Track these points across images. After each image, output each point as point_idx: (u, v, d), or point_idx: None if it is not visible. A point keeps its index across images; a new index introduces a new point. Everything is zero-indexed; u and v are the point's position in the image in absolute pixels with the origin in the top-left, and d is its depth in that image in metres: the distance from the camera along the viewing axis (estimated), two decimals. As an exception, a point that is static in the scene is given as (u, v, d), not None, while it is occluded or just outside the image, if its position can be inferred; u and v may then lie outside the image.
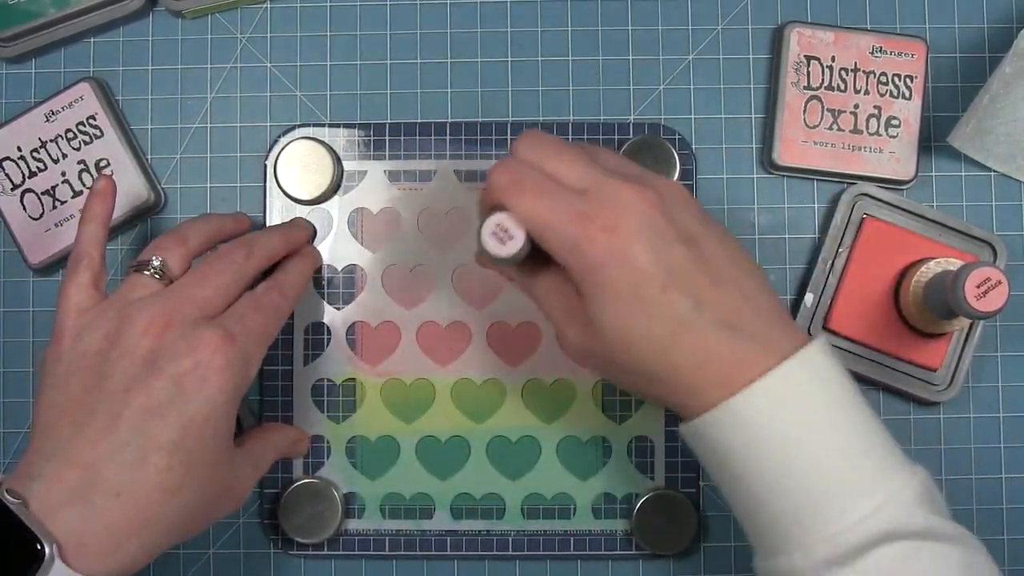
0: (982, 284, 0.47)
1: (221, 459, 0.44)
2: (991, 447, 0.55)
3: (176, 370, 0.43)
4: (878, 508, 0.39)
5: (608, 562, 0.54)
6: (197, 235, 0.48)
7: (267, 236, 0.51)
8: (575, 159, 0.42)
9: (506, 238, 0.41)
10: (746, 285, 0.42)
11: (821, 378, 0.41)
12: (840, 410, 0.41)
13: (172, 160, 0.56)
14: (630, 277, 0.40)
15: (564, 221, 0.40)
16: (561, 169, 0.42)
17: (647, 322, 0.40)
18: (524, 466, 0.54)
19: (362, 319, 0.55)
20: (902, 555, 0.38)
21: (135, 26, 0.56)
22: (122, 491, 0.41)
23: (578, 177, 0.42)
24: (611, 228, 0.40)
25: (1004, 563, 0.54)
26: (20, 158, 0.55)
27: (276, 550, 0.55)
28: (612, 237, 0.40)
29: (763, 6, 0.56)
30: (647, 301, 0.40)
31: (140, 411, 0.42)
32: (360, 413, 0.55)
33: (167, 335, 0.43)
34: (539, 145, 0.43)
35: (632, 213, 0.40)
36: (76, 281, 0.46)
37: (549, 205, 0.41)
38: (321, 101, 0.56)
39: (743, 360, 0.40)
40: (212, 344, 0.43)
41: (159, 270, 0.46)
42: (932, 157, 0.56)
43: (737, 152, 0.56)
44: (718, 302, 0.41)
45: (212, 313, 0.45)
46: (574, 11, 0.56)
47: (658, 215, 0.41)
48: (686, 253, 0.41)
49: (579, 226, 0.40)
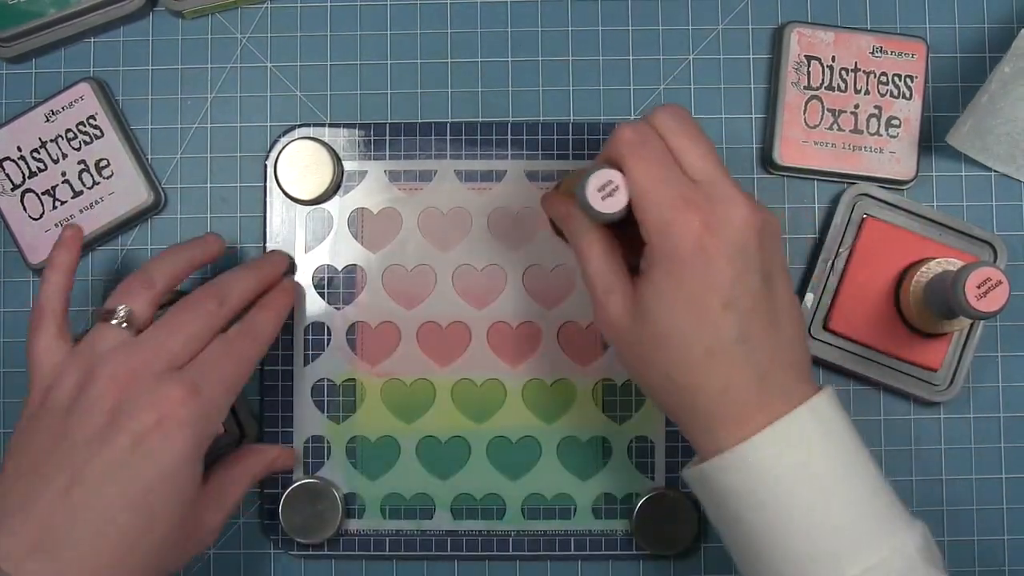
0: (982, 284, 0.47)
1: (184, 510, 0.44)
2: (991, 447, 0.55)
3: (138, 427, 0.42)
4: (882, 561, 0.39)
5: (608, 562, 0.54)
6: (163, 275, 0.48)
7: (240, 280, 0.49)
8: (703, 145, 0.42)
9: (610, 195, 0.41)
10: (790, 337, 0.42)
11: (828, 430, 0.41)
12: (846, 463, 0.41)
13: (172, 160, 0.56)
14: (702, 281, 0.40)
15: (669, 200, 0.40)
16: (688, 151, 0.42)
17: (694, 329, 0.40)
18: (524, 466, 0.54)
19: (362, 319, 0.55)
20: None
21: (135, 26, 0.56)
22: (84, 547, 0.41)
23: (701, 166, 0.42)
24: (709, 227, 0.40)
25: (1004, 563, 0.54)
26: (20, 158, 0.55)
27: (276, 550, 0.55)
28: (706, 236, 0.40)
29: (763, 6, 0.56)
30: (704, 311, 0.40)
31: (102, 467, 0.42)
32: (360, 413, 0.55)
33: (130, 390, 0.43)
34: (676, 121, 0.42)
35: (733, 223, 0.40)
36: (41, 335, 0.46)
37: (662, 179, 0.41)
38: (321, 101, 0.56)
39: (763, 406, 0.41)
40: (175, 399, 0.43)
41: (125, 319, 0.46)
42: (932, 157, 0.56)
43: (737, 152, 0.56)
44: (763, 344, 0.41)
45: (179, 364, 0.45)
46: (574, 11, 0.56)
47: (754, 239, 0.41)
48: (760, 286, 0.41)
49: (680, 211, 0.40)
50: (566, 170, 0.55)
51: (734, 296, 0.40)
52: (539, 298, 0.55)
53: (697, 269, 0.40)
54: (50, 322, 0.46)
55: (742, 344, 0.40)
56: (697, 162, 0.42)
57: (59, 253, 0.48)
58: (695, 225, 0.40)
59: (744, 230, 0.40)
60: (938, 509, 0.54)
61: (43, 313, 0.46)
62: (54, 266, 0.47)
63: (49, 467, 0.42)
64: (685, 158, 0.42)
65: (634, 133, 0.42)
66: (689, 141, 0.42)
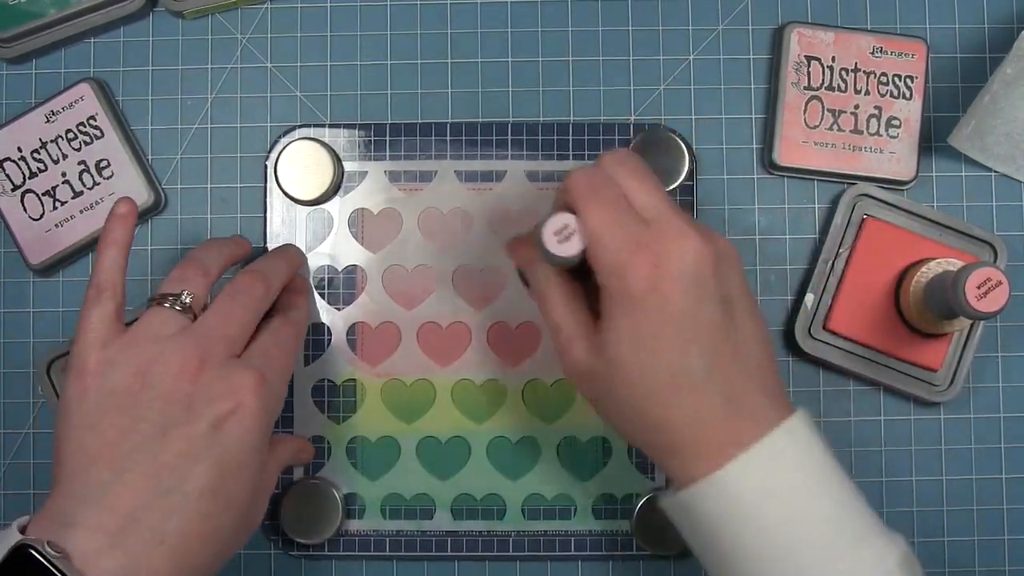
0: (982, 284, 0.47)
1: (253, 495, 0.44)
2: (991, 447, 0.55)
3: (215, 413, 0.42)
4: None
5: (608, 562, 0.54)
6: (216, 264, 0.48)
7: (278, 266, 0.50)
8: (652, 185, 0.43)
9: (566, 239, 0.42)
10: (759, 362, 0.43)
11: (803, 452, 0.41)
12: (822, 480, 0.41)
13: (172, 160, 0.56)
14: (659, 318, 0.40)
15: (621, 242, 0.41)
16: (638, 192, 0.42)
17: (658, 367, 0.41)
18: (524, 466, 0.54)
19: (362, 319, 0.55)
20: None
21: (135, 26, 0.56)
22: (164, 538, 0.40)
23: (651, 206, 0.42)
24: (660, 265, 0.40)
25: (1004, 563, 0.54)
26: (20, 159, 0.55)
27: (276, 550, 0.55)
28: (659, 274, 0.40)
29: (763, 6, 0.56)
30: (666, 348, 0.40)
31: (180, 456, 0.41)
32: (360, 413, 0.55)
33: (203, 377, 0.43)
34: (625, 164, 0.43)
35: (685, 258, 0.41)
36: (99, 312, 0.44)
37: (614, 221, 0.41)
38: (321, 101, 0.56)
39: (735, 433, 0.41)
40: (248, 385, 0.43)
41: (186, 305, 0.45)
42: (932, 157, 0.56)
43: (737, 152, 0.56)
44: (730, 372, 0.41)
45: (237, 351, 0.45)
46: (574, 11, 0.56)
47: (708, 270, 0.41)
48: (720, 315, 0.41)
49: (632, 252, 0.40)
50: (566, 170, 0.55)
51: (694, 329, 0.41)
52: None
53: (653, 308, 0.40)
54: (108, 300, 0.44)
55: (708, 375, 0.41)
56: (647, 202, 0.42)
57: (115, 226, 0.45)
58: (647, 265, 0.40)
59: (696, 263, 0.41)
60: (938, 509, 0.54)
61: (101, 290, 0.44)
62: (111, 242, 0.45)
63: (123, 457, 0.41)
64: (636, 199, 0.42)
65: (587, 178, 0.42)
66: (638, 182, 0.42)
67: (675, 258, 0.41)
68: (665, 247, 0.41)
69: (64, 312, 0.55)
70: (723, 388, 0.41)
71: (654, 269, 0.40)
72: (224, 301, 0.46)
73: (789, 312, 0.55)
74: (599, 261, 0.41)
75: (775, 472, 0.40)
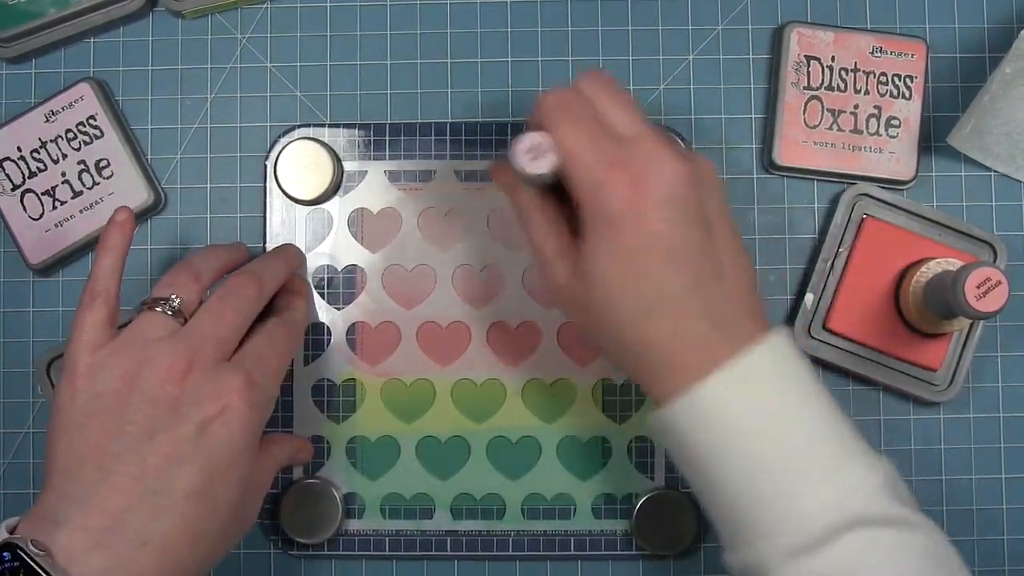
0: (982, 284, 0.47)
1: (242, 498, 0.44)
2: (991, 447, 0.55)
3: (201, 416, 0.42)
4: (841, 496, 0.39)
5: (608, 562, 0.54)
6: (209, 270, 0.48)
7: (273, 268, 0.50)
8: (628, 106, 0.42)
9: (539, 156, 0.41)
10: (740, 283, 0.42)
11: (783, 367, 0.41)
12: (803, 399, 0.41)
13: (172, 160, 0.56)
14: (638, 238, 0.40)
15: (596, 160, 0.40)
16: (613, 112, 0.42)
17: (638, 287, 0.40)
18: (524, 466, 0.54)
19: (362, 319, 0.55)
20: (866, 543, 0.38)
21: (135, 26, 0.56)
22: (149, 539, 0.40)
23: (627, 124, 0.42)
24: (637, 184, 0.40)
25: (1004, 563, 0.54)
26: (20, 158, 0.55)
27: (276, 550, 0.55)
28: (635, 193, 0.40)
29: (763, 6, 0.56)
30: (646, 267, 0.40)
31: (166, 458, 0.41)
32: (360, 413, 0.55)
33: (189, 380, 0.43)
34: (600, 83, 0.43)
35: (663, 177, 0.40)
36: (92, 316, 0.44)
37: (588, 139, 0.41)
38: (321, 101, 0.56)
39: (714, 350, 0.40)
40: (236, 388, 0.43)
41: (175, 309, 0.45)
42: (932, 157, 0.56)
43: (737, 152, 0.56)
44: (710, 293, 0.41)
45: (228, 353, 0.45)
46: (574, 11, 0.56)
47: (687, 190, 0.41)
48: (700, 235, 0.41)
49: (608, 170, 0.40)
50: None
51: (673, 249, 0.40)
52: (539, 298, 0.55)
53: (632, 228, 0.40)
54: (101, 304, 0.45)
55: (687, 294, 0.40)
56: (622, 121, 0.42)
57: (113, 233, 0.46)
58: (624, 184, 0.40)
59: (674, 183, 0.40)
60: (938, 509, 0.54)
61: (95, 295, 0.45)
62: (108, 247, 0.46)
63: (109, 458, 0.41)
64: (610, 118, 0.42)
65: (559, 96, 0.42)
66: (613, 101, 0.42)
67: (652, 177, 0.40)
68: (642, 166, 0.40)
69: (64, 312, 0.55)
70: (703, 307, 0.41)
71: (631, 187, 0.40)
72: (215, 303, 0.46)
73: (789, 312, 0.55)
74: (574, 178, 0.41)
75: (755, 388, 0.40)
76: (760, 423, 0.40)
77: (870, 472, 0.40)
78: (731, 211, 0.54)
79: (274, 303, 0.50)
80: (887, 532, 0.39)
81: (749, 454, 0.40)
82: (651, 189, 0.40)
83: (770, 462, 0.40)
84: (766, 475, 0.40)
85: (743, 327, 0.41)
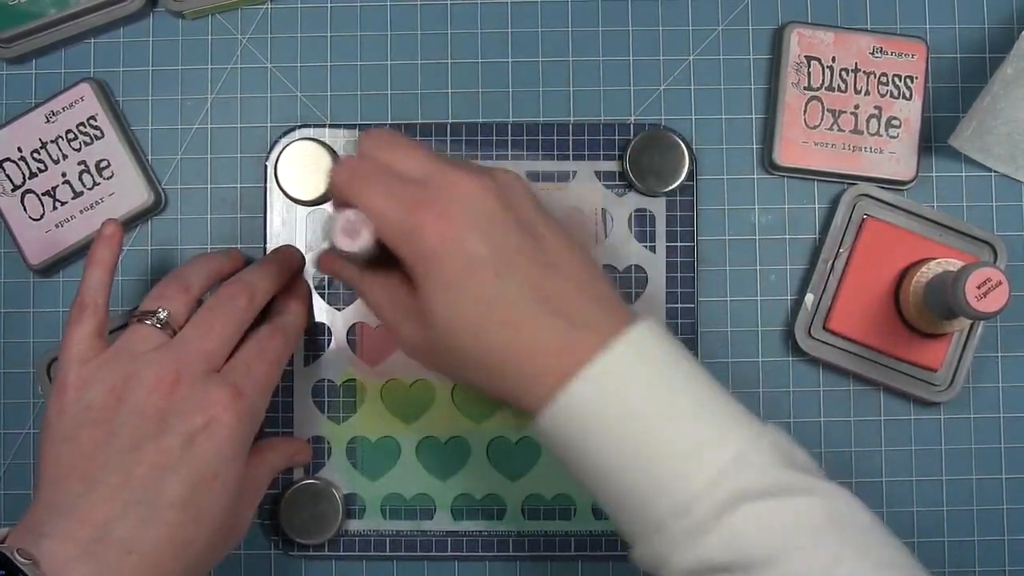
0: (982, 284, 0.47)
1: (230, 508, 0.44)
2: (991, 447, 0.55)
3: (187, 428, 0.43)
4: (723, 472, 0.38)
5: (608, 562, 0.54)
6: (198, 281, 0.48)
7: (265, 275, 0.50)
8: (414, 150, 0.42)
9: (355, 234, 0.41)
10: (582, 275, 0.42)
11: (646, 357, 0.40)
12: (672, 383, 0.40)
13: (172, 161, 0.56)
14: (462, 264, 0.40)
15: (399, 209, 0.40)
16: (401, 161, 0.42)
17: (480, 310, 0.40)
18: (524, 466, 0.54)
19: (362, 319, 0.55)
20: (756, 516, 0.37)
21: (135, 27, 0.56)
22: (134, 549, 0.40)
23: (418, 167, 0.42)
24: (445, 215, 0.40)
25: (1004, 563, 0.54)
26: (20, 159, 0.55)
27: (276, 550, 0.55)
28: (446, 223, 0.40)
29: (763, 6, 0.56)
30: (480, 288, 0.40)
31: (151, 468, 0.42)
32: (360, 414, 0.55)
33: (177, 392, 0.43)
34: (380, 140, 0.43)
35: (467, 200, 0.40)
36: (81, 330, 0.45)
37: (385, 194, 0.41)
38: (321, 101, 0.56)
39: (575, 348, 0.40)
40: (222, 401, 0.44)
41: (164, 321, 0.46)
42: (932, 157, 0.56)
43: (737, 152, 0.56)
44: (553, 291, 0.40)
45: (218, 364, 0.45)
46: (574, 11, 0.56)
47: (494, 203, 0.41)
48: (522, 240, 0.41)
49: (413, 214, 0.40)
50: (567, 171, 0.55)
51: (499, 262, 0.40)
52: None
53: (452, 257, 0.40)
54: (90, 318, 0.45)
55: (530, 301, 0.40)
56: (413, 164, 0.42)
57: (101, 247, 0.47)
58: (432, 220, 0.40)
59: (478, 200, 0.40)
60: (938, 509, 0.54)
61: (83, 308, 0.45)
62: (95, 262, 0.46)
63: (95, 469, 0.42)
64: (402, 167, 0.42)
65: (347, 167, 0.42)
66: (397, 151, 0.42)
67: (455, 203, 0.40)
68: (442, 197, 0.40)
69: (64, 312, 0.55)
70: (550, 308, 0.40)
71: (439, 220, 0.40)
72: (204, 314, 0.46)
73: (789, 312, 0.55)
74: (388, 236, 0.41)
75: (620, 382, 0.39)
76: (630, 415, 0.39)
77: (753, 443, 0.39)
78: (731, 212, 0.55)
79: (272, 307, 0.50)
80: (776, 502, 0.38)
81: (627, 448, 0.39)
82: (458, 215, 0.40)
83: (649, 451, 0.39)
84: (645, 466, 0.39)
85: (599, 321, 0.41)
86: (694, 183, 0.55)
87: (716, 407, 0.40)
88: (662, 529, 0.38)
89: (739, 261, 0.55)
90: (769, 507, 0.38)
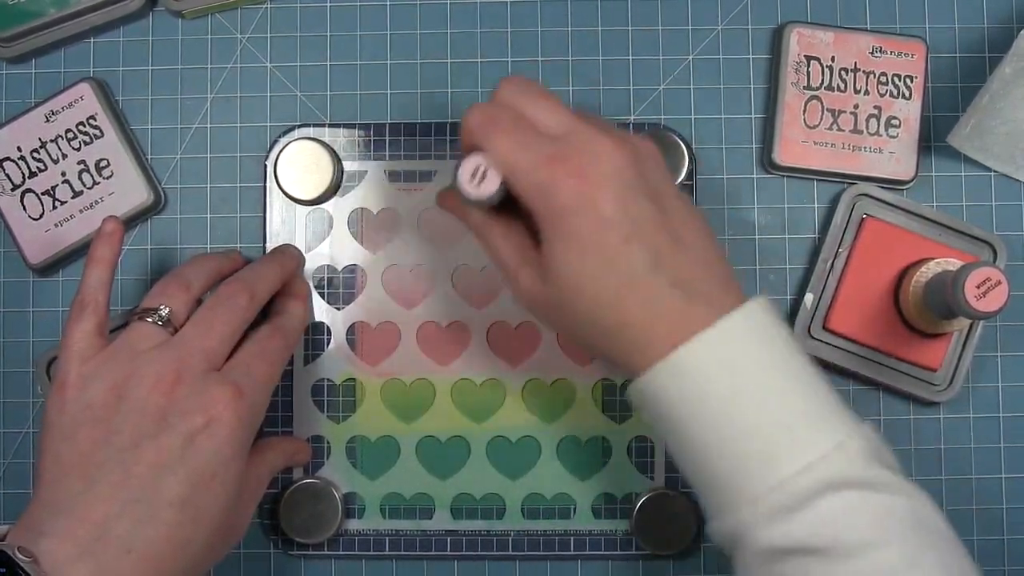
0: (982, 284, 0.47)
1: (229, 508, 0.44)
2: (991, 447, 0.55)
3: (187, 427, 0.43)
4: (822, 458, 0.39)
5: (608, 562, 0.54)
6: (199, 280, 0.48)
7: (265, 274, 0.50)
8: (555, 105, 0.42)
9: (483, 179, 0.41)
10: (703, 249, 0.42)
11: (762, 333, 0.41)
12: (782, 364, 0.41)
13: (172, 160, 0.56)
14: (594, 224, 0.40)
15: (535, 163, 0.40)
16: (540, 114, 0.42)
17: (604, 271, 0.40)
18: (524, 466, 0.54)
19: (362, 319, 0.55)
20: (848, 505, 0.38)
21: (135, 26, 0.56)
22: (133, 547, 0.40)
23: (556, 123, 0.42)
24: (581, 174, 0.40)
25: (1004, 563, 0.54)
26: (20, 158, 0.55)
27: (276, 550, 0.55)
28: (581, 183, 0.40)
29: (763, 6, 0.56)
30: (607, 250, 0.40)
31: (151, 467, 0.42)
32: (360, 413, 0.55)
33: (177, 391, 0.43)
34: (520, 89, 0.43)
35: (604, 162, 0.41)
36: (81, 327, 0.45)
37: (521, 146, 0.41)
38: (321, 101, 0.56)
39: (690, 318, 0.40)
40: (223, 400, 0.43)
41: (165, 319, 0.45)
42: (932, 157, 0.56)
43: (737, 152, 0.56)
44: (675, 261, 0.41)
45: (218, 363, 0.45)
46: (574, 11, 0.56)
47: (630, 168, 0.41)
48: (652, 209, 0.41)
49: (549, 169, 0.40)
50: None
51: (630, 226, 0.40)
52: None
53: (585, 216, 0.40)
54: (91, 316, 0.45)
55: (653, 268, 0.40)
56: (551, 120, 0.42)
57: (101, 245, 0.47)
58: (568, 177, 0.40)
59: (614, 164, 0.41)
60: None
61: (84, 306, 0.45)
62: (96, 259, 0.46)
63: (95, 468, 0.42)
64: (539, 120, 0.42)
65: (482, 114, 0.42)
66: (537, 103, 0.42)
67: (593, 164, 0.40)
68: (580, 156, 0.41)
69: (64, 312, 0.55)
70: (671, 278, 0.41)
71: (575, 179, 0.40)
72: (205, 313, 0.46)
73: (789, 312, 0.55)
74: (519, 187, 0.41)
75: (733, 352, 0.40)
76: (739, 385, 0.40)
77: (851, 436, 0.40)
78: (731, 211, 0.55)
79: (272, 306, 0.50)
80: (868, 495, 0.39)
81: (729, 416, 0.40)
82: (595, 175, 0.40)
83: (750, 424, 0.39)
84: (746, 437, 0.39)
85: (717, 295, 0.41)
86: (694, 183, 0.55)
87: (820, 393, 0.41)
88: (751, 503, 0.39)
89: (739, 260, 0.55)
90: (861, 498, 0.38)
